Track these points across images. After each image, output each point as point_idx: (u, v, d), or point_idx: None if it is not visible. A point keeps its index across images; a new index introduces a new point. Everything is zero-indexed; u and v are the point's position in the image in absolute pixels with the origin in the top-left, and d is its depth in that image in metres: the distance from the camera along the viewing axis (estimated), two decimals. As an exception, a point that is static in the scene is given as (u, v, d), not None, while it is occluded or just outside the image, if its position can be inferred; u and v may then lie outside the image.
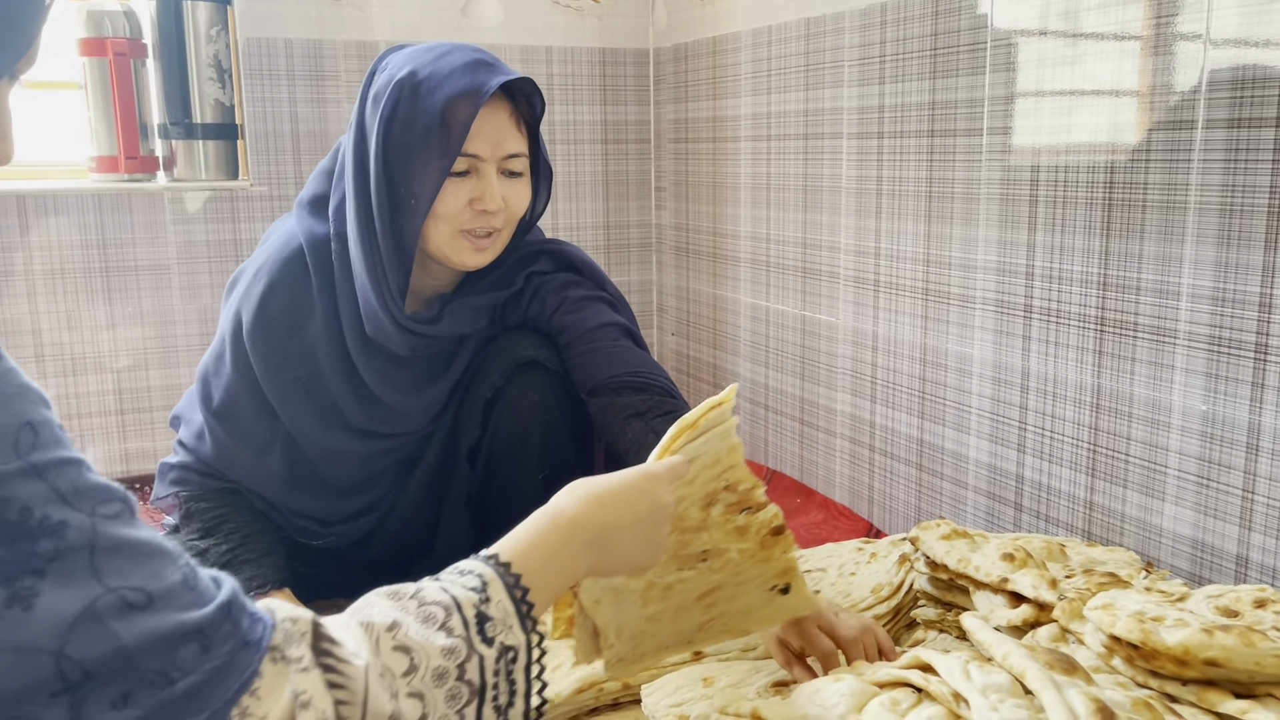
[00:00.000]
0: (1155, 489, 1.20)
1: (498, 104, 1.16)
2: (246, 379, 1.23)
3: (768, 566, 0.92)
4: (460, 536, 1.34)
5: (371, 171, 1.15)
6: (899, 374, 1.60)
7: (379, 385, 1.26)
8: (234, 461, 1.26)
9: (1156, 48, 1.15)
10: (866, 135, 1.61)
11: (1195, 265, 1.13)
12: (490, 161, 1.17)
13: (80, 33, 1.87)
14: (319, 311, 1.22)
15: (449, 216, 1.17)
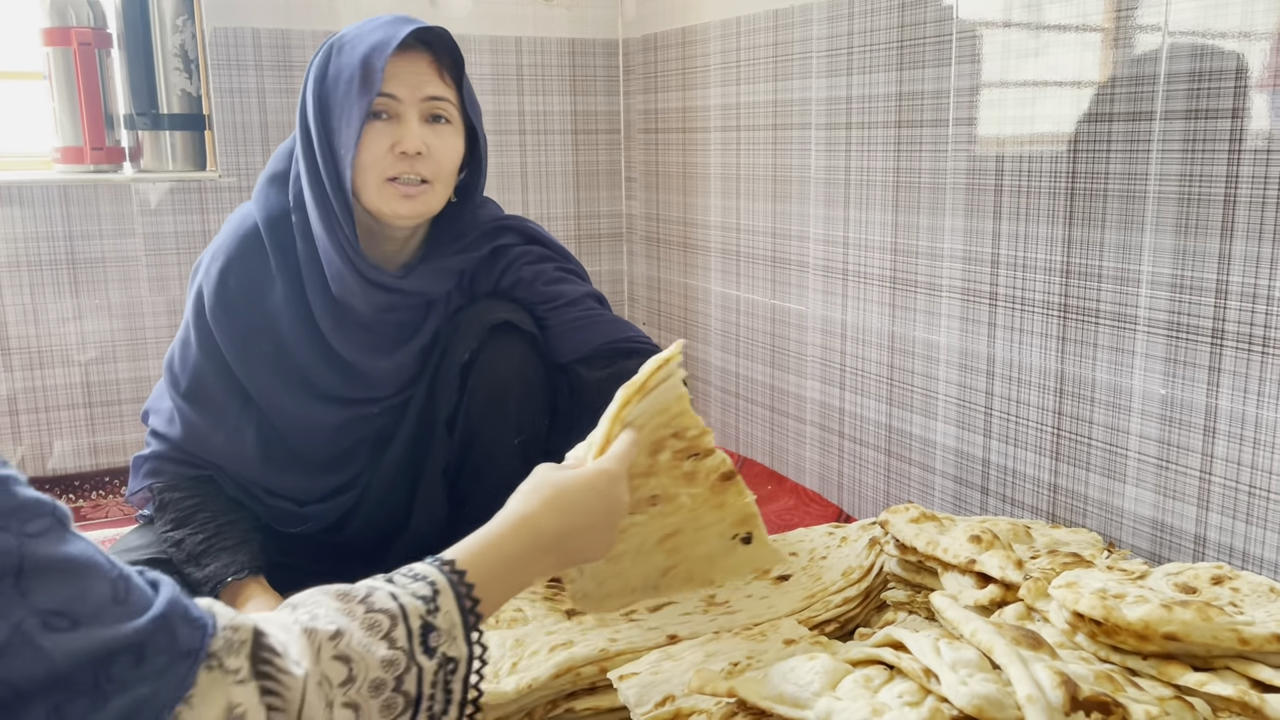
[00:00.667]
0: (1116, 472, 1.24)
1: (417, 53, 1.19)
2: (213, 359, 1.24)
3: (723, 512, 0.96)
4: (436, 510, 1.33)
5: (312, 131, 1.19)
6: (868, 361, 1.62)
7: (347, 348, 1.26)
8: (207, 443, 1.26)
9: (1117, 40, 1.17)
10: (835, 126, 1.63)
11: (1154, 253, 1.16)
12: (410, 105, 1.18)
13: (44, 22, 1.85)
14: (279, 284, 1.23)
15: (373, 163, 1.17)
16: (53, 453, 1.89)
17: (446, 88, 1.21)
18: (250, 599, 1.20)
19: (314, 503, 1.34)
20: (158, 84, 1.90)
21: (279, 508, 1.32)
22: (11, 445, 1.86)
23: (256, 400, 1.26)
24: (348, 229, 1.19)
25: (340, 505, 1.36)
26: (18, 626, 0.47)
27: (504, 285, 1.33)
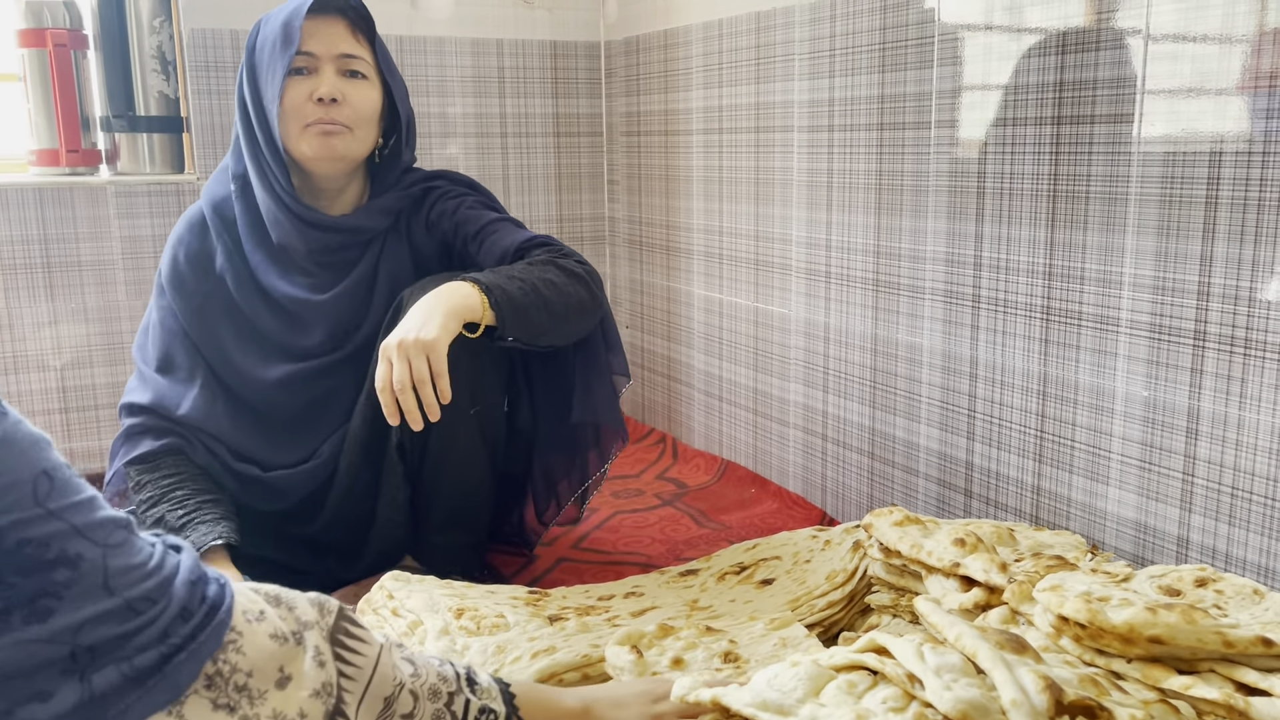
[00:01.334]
0: (1099, 474, 1.24)
1: (332, 17, 1.32)
2: (175, 329, 1.36)
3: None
4: (398, 493, 1.36)
5: (246, 95, 1.33)
6: (851, 364, 1.62)
7: (286, 289, 1.35)
8: (178, 403, 1.34)
9: (1098, 43, 1.18)
10: (817, 129, 1.62)
11: (1136, 255, 1.16)
12: (326, 60, 1.31)
13: (19, 23, 1.83)
14: (221, 251, 1.36)
15: (294, 111, 1.30)
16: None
17: (361, 46, 1.34)
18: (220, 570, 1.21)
19: (278, 469, 1.36)
20: (135, 86, 1.88)
21: (246, 474, 1.35)
22: (-14, 451, 1.84)
23: (213, 361, 1.36)
24: (281, 176, 1.32)
25: (305, 477, 1.36)
26: (103, 611, 0.60)
27: (431, 218, 1.41)
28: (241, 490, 1.35)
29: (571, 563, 1.57)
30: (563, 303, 1.29)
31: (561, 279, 1.30)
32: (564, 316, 1.30)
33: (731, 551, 1.43)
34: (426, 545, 1.39)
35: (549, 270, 1.30)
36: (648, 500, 1.84)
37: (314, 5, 1.30)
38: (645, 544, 1.63)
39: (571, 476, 1.54)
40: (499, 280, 1.25)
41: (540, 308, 1.26)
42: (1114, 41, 1.16)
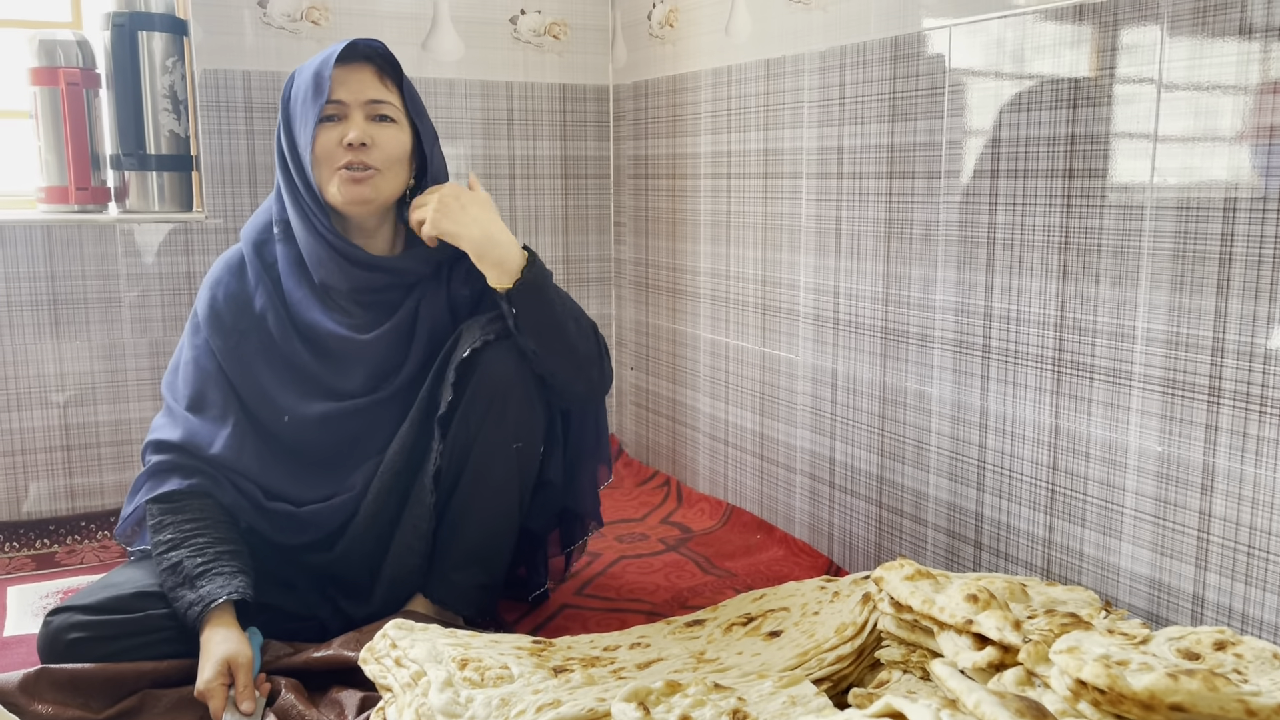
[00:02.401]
0: (1112, 528, 1.22)
1: (360, 65, 1.36)
2: (209, 368, 1.37)
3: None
4: (423, 522, 1.36)
5: (283, 144, 1.37)
6: (858, 411, 1.61)
7: (327, 326, 1.36)
8: (209, 442, 1.33)
9: (1110, 96, 1.18)
10: (826, 176, 1.63)
11: (1149, 309, 1.15)
12: (355, 107, 1.34)
13: (32, 62, 1.84)
14: (261, 290, 1.38)
15: (326, 157, 1.33)
16: (28, 495, 1.85)
17: (389, 91, 1.37)
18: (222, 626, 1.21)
19: (310, 504, 1.36)
20: (145, 124, 1.88)
21: (279, 511, 1.35)
22: (-14, 488, 1.83)
23: (249, 401, 1.36)
24: (323, 217, 1.35)
25: (337, 511, 1.37)
26: None
27: (471, 269, 1.41)
28: (272, 528, 1.35)
29: (575, 609, 1.55)
30: (579, 340, 1.36)
31: (587, 328, 1.38)
32: (571, 350, 1.36)
33: (738, 601, 1.41)
34: (442, 581, 1.37)
35: (585, 318, 1.39)
36: (652, 545, 1.82)
37: (342, 54, 1.34)
38: (649, 591, 1.62)
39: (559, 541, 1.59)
40: (544, 272, 1.34)
41: (557, 320, 1.34)
42: (1126, 95, 1.16)
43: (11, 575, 1.71)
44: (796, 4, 1.66)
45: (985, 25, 1.32)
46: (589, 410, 1.48)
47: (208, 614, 1.20)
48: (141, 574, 1.29)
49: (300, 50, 1.96)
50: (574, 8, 2.21)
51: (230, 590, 1.22)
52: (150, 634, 1.23)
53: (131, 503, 1.34)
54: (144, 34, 1.86)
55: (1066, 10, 1.22)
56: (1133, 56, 1.15)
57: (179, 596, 1.22)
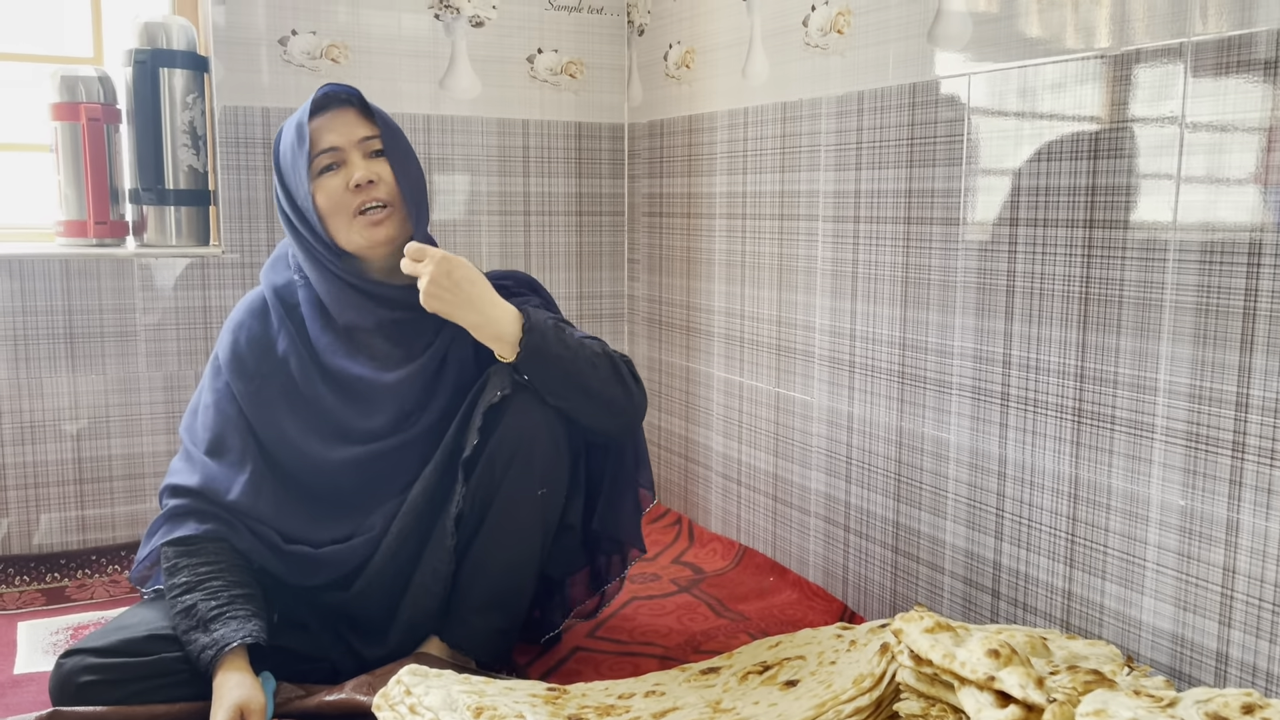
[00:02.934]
0: (1134, 582, 1.21)
1: (341, 108, 1.36)
2: (230, 412, 1.36)
3: None
4: (443, 565, 1.35)
5: (281, 198, 1.37)
6: (875, 455, 1.60)
7: (354, 368, 1.36)
8: (228, 488, 1.32)
9: (1132, 146, 1.18)
10: (842, 219, 1.63)
11: (1172, 362, 1.15)
12: (350, 149, 1.34)
13: (53, 97, 1.86)
14: (284, 334, 1.38)
15: (336, 206, 1.33)
16: (39, 528, 1.85)
17: (375, 128, 1.37)
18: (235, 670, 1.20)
19: (329, 544, 1.35)
20: (165, 159, 1.90)
21: (296, 553, 1.34)
22: (-3, 520, 1.82)
23: (270, 445, 1.35)
24: (334, 258, 1.35)
25: (356, 551, 1.36)
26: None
27: None
28: (289, 570, 1.34)
29: (587, 652, 1.54)
30: (599, 385, 1.34)
31: (606, 368, 1.35)
32: (589, 395, 1.34)
33: (753, 648, 1.40)
34: (460, 625, 1.36)
35: (602, 357, 1.35)
36: (664, 586, 1.81)
37: (320, 102, 1.35)
38: (662, 634, 1.60)
39: (591, 578, 1.56)
40: (544, 326, 1.31)
41: (569, 373, 1.32)
42: (1147, 147, 1.16)
43: (22, 610, 1.70)
44: (814, 48, 1.67)
45: (1005, 74, 1.33)
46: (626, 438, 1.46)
47: (221, 658, 1.19)
48: (154, 615, 1.28)
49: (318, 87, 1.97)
50: (591, 47, 2.22)
51: (244, 634, 1.21)
52: (163, 677, 1.22)
53: (147, 545, 1.34)
54: (165, 70, 1.87)
55: (1088, 60, 1.22)
56: (1155, 108, 1.15)
57: (192, 640, 1.21)
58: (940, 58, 1.43)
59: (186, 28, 1.91)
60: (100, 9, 2.02)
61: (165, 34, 1.88)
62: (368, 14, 2.01)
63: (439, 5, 2.07)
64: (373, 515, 1.37)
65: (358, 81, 2.00)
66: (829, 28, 1.63)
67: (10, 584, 1.80)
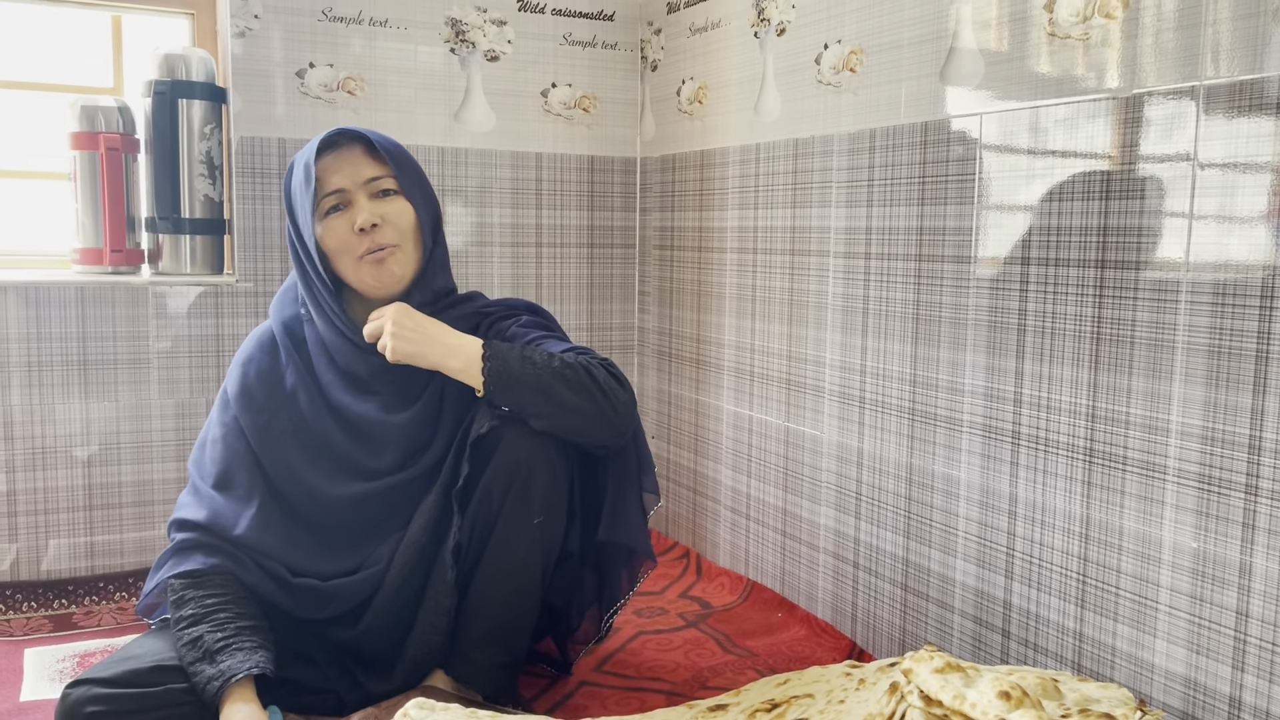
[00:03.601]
0: (1146, 624, 1.20)
1: (349, 147, 1.38)
2: (238, 447, 1.36)
3: None
4: (445, 599, 1.34)
5: (291, 234, 1.39)
6: (884, 492, 1.60)
7: (358, 409, 1.37)
8: (234, 523, 1.32)
9: (1144, 188, 1.18)
10: (854, 255, 1.64)
11: (1184, 403, 1.15)
12: (356, 190, 1.36)
13: (73, 126, 1.88)
14: (292, 370, 1.39)
15: (343, 248, 1.35)
16: (48, 553, 1.85)
17: (383, 167, 1.38)
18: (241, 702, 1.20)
19: (336, 577, 1.35)
20: (181, 189, 1.91)
21: (303, 587, 1.34)
22: (7, 544, 1.82)
23: (278, 480, 1.36)
24: (335, 305, 1.37)
25: (363, 584, 1.36)
26: None
27: (501, 331, 1.43)
28: (297, 604, 1.34)
29: (594, 686, 1.53)
30: (568, 397, 1.31)
31: (580, 377, 1.32)
32: (565, 411, 1.31)
33: (761, 686, 1.39)
34: (463, 659, 1.36)
35: (573, 368, 1.32)
36: (671, 620, 1.80)
37: (328, 140, 1.37)
38: (669, 669, 1.59)
39: (601, 597, 1.53)
40: (505, 353, 1.32)
41: (538, 391, 1.30)
42: (1159, 188, 1.17)
43: (29, 637, 1.70)
44: (827, 86, 1.68)
45: (1017, 114, 1.34)
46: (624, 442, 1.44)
47: (227, 689, 1.19)
48: (161, 646, 1.28)
49: (336, 119, 2.00)
50: (604, 82, 2.24)
51: (250, 665, 1.21)
52: (169, 708, 1.22)
53: (154, 578, 1.34)
54: (184, 101, 1.89)
55: (1099, 100, 1.23)
56: (1166, 148, 1.16)
57: (198, 671, 1.21)
58: (952, 97, 1.44)
59: (206, 59, 1.94)
60: (121, 40, 2.04)
61: (185, 66, 1.90)
62: (384, 47, 2.03)
63: (455, 39, 2.09)
64: (379, 548, 1.37)
65: (373, 114, 2.03)
66: (841, 66, 1.64)
67: (18, 610, 1.80)
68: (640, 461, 1.45)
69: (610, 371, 1.35)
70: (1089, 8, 1.24)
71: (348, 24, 2.00)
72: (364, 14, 2.01)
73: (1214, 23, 1.10)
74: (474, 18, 2.10)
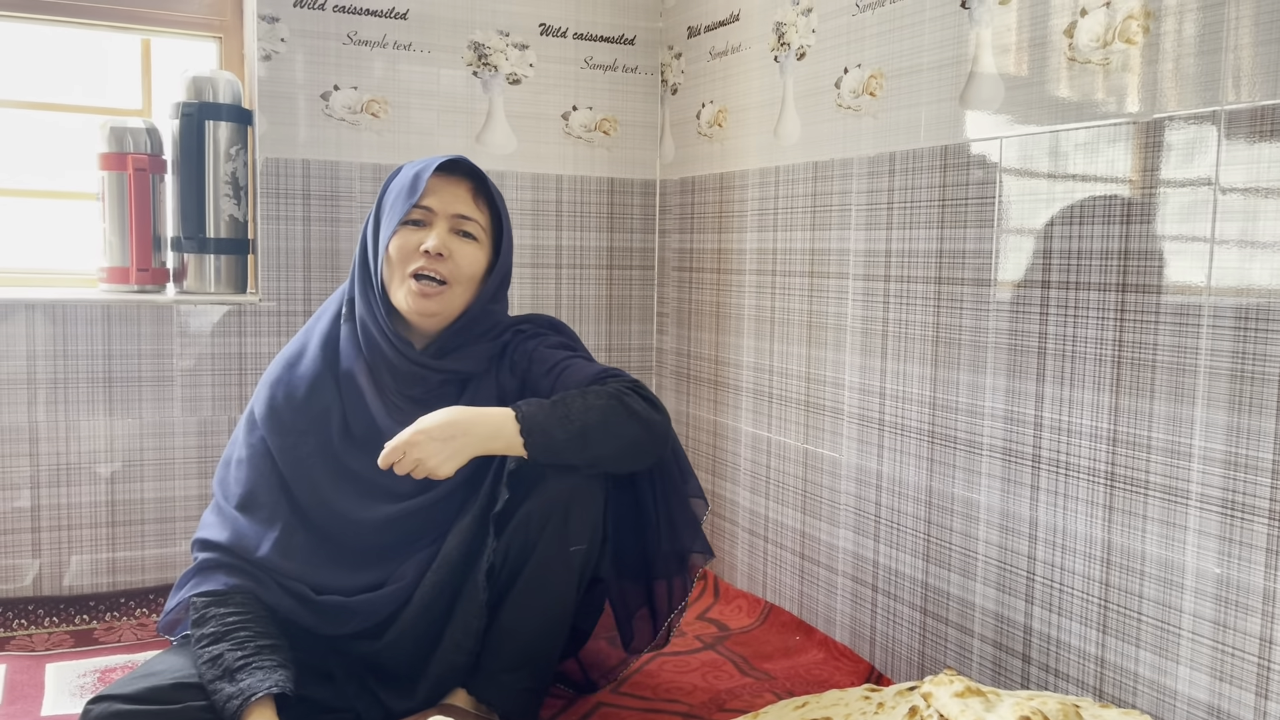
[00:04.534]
0: (1169, 650, 1.19)
1: (459, 179, 1.40)
2: (263, 468, 1.37)
3: None
4: (474, 620, 1.34)
5: (369, 229, 1.41)
6: (904, 515, 1.59)
7: (387, 419, 1.37)
8: (257, 545, 1.33)
9: (1165, 212, 1.19)
10: (873, 278, 1.64)
11: (1206, 428, 1.14)
12: (441, 216, 1.38)
13: (102, 147, 1.91)
14: (321, 391, 1.39)
15: (401, 256, 1.36)
16: (70, 569, 1.87)
17: (479, 211, 1.40)
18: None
19: (360, 592, 1.36)
20: (207, 209, 1.94)
21: (327, 603, 1.34)
22: (30, 560, 1.84)
23: (304, 502, 1.36)
24: (382, 305, 1.38)
25: (388, 600, 1.36)
26: None
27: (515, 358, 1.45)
28: (321, 620, 1.34)
29: (611, 708, 1.53)
30: (613, 444, 1.33)
31: (618, 417, 1.33)
32: (614, 456, 1.34)
33: (780, 709, 1.38)
34: (489, 680, 1.36)
35: (611, 408, 1.32)
36: (689, 642, 1.80)
37: (444, 165, 1.38)
38: (686, 691, 1.59)
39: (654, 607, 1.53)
40: (543, 420, 1.30)
41: (584, 448, 1.31)
42: (1180, 212, 1.17)
43: (50, 652, 1.71)
44: (846, 110, 1.69)
45: (1037, 138, 1.34)
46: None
47: (247, 708, 1.20)
48: (181, 663, 1.29)
49: (359, 141, 2.02)
50: (625, 105, 2.26)
51: (270, 684, 1.21)
52: (189, 724, 1.22)
53: (175, 597, 1.35)
54: (211, 123, 1.92)
55: (1120, 125, 1.23)
56: (1187, 173, 1.16)
57: (218, 689, 1.22)
58: (972, 121, 1.44)
59: (232, 82, 1.96)
60: (150, 63, 2.08)
61: (212, 88, 1.93)
62: (407, 70, 2.05)
63: (477, 63, 2.12)
64: (404, 565, 1.38)
65: (396, 136, 2.05)
66: (861, 90, 1.65)
67: (40, 625, 1.81)
68: (682, 470, 1.47)
69: (642, 394, 1.37)
70: (1109, 33, 1.24)
71: (372, 47, 2.03)
72: (388, 38, 2.04)
73: (1235, 48, 1.10)
74: (496, 41, 2.13)
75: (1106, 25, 1.24)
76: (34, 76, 2.03)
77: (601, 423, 1.31)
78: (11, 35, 2.00)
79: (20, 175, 2.04)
